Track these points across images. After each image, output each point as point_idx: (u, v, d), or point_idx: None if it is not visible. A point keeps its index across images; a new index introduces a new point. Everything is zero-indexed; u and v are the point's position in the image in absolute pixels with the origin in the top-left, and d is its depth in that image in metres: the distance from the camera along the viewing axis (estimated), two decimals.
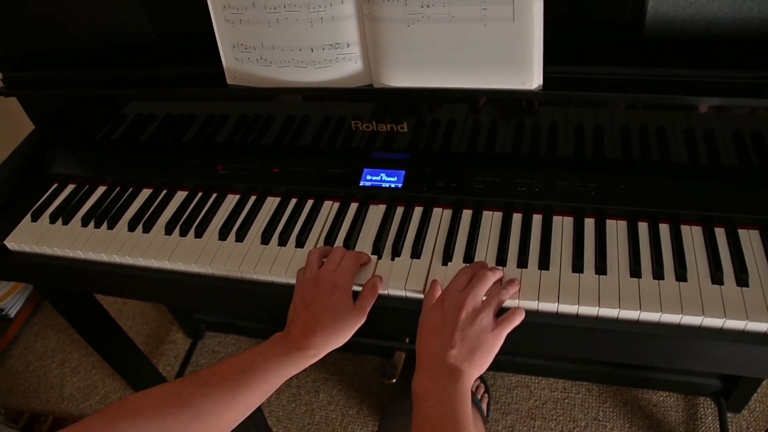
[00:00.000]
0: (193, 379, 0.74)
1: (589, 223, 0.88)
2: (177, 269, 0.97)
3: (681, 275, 0.79)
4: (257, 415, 1.00)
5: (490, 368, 0.77)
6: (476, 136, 0.94)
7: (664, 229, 0.85)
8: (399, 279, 0.86)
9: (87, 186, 1.15)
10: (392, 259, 0.89)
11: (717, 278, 0.78)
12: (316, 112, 0.99)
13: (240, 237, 0.98)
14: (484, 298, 0.78)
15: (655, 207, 0.86)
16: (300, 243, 0.94)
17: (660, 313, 0.76)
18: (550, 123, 0.89)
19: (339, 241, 0.93)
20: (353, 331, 0.80)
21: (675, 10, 0.76)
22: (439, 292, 0.80)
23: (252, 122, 1.05)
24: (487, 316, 0.76)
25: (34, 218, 1.11)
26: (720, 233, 0.84)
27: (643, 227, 0.86)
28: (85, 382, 1.82)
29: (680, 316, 0.75)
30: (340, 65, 0.86)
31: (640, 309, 0.76)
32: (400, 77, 0.84)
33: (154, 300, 1.17)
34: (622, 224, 0.87)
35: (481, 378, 1.56)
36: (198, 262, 0.95)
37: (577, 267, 0.82)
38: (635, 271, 0.80)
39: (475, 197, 0.93)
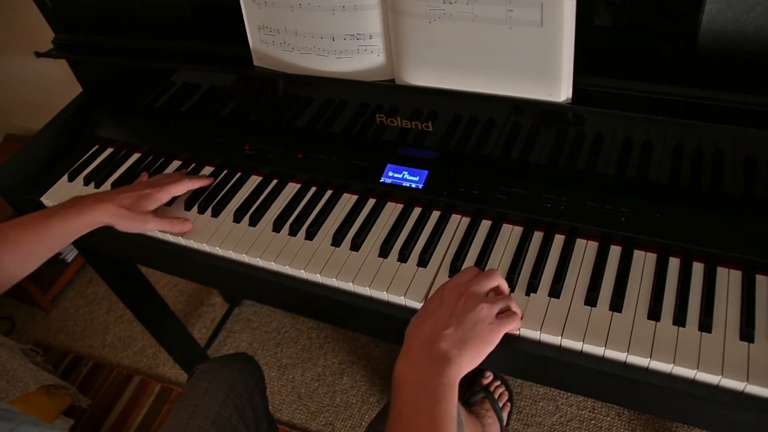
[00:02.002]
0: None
1: (615, 252, 0.80)
2: (189, 246, 0.97)
3: (705, 325, 0.71)
4: (256, 399, 1.00)
5: (518, 375, 0.71)
6: (503, 143, 0.87)
7: (697, 268, 0.77)
8: (401, 286, 0.82)
9: (124, 151, 1.17)
10: (398, 263, 0.85)
11: (747, 334, 0.69)
12: (342, 101, 0.95)
13: (253, 222, 0.96)
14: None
15: (693, 242, 0.77)
16: (309, 235, 0.92)
17: (672, 365, 0.68)
18: (583, 138, 0.81)
19: (348, 236, 0.90)
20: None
21: (735, 26, 0.67)
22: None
23: (280, 105, 1.02)
24: (489, 309, 0.69)
25: (71, 178, 1.14)
26: (762, 282, 0.74)
27: (673, 264, 0.78)
28: (126, 333, 1.90)
29: (695, 371, 0.67)
30: (361, 57, 0.81)
31: (651, 357, 0.69)
32: (421, 75, 0.79)
33: (166, 270, 1.18)
34: (651, 257, 0.79)
35: (506, 384, 1.50)
36: (209, 242, 0.95)
37: (591, 299, 0.76)
38: (654, 313, 0.73)
39: (496, 208, 0.87)
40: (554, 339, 0.73)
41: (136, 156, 1.16)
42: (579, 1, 0.65)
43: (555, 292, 0.77)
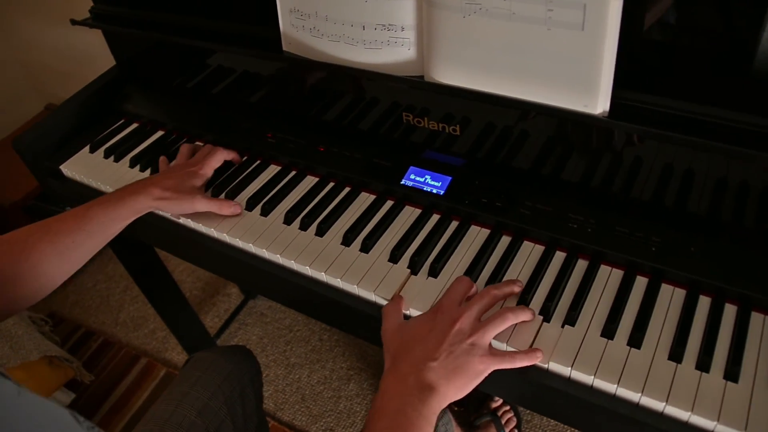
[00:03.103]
0: (38, 227, 0.82)
1: (640, 283, 0.74)
2: (195, 228, 0.94)
3: (732, 373, 0.64)
4: (248, 395, 0.96)
5: (523, 404, 0.67)
6: (532, 154, 0.82)
7: (729, 311, 0.70)
8: (410, 297, 0.77)
9: (148, 128, 1.16)
10: (407, 270, 0.81)
11: None
12: (369, 95, 0.91)
13: (265, 212, 0.93)
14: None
15: (728, 282, 0.71)
16: (320, 231, 0.88)
17: (690, 413, 0.62)
18: (618, 157, 0.75)
19: (359, 237, 0.86)
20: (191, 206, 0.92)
21: None
22: (400, 308, 0.74)
23: (306, 96, 0.99)
24: (481, 339, 0.66)
25: (92, 150, 1.13)
26: None
27: (704, 303, 0.71)
28: (139, 313, 1.89)
29: (715, 423, 0.61)
30: (391, 49, 0.77)
31: (667, 401, 0.63)
32: (451, 74, 0.74)
33: (172, 252, 1.16)
34: (680, 293, 0.73)
35: (516, 411, 1.43)
36: (218, 228, 0.92)
37: (608, 331, 0.70)
38: (676, 354, 0.66)
39: (518, 223, 0.82)
40: (563, 369, 0.68)
41: (159, 134, 1.14)
42: (627, 6, 0.60)
43: (570, 319, 0.71)
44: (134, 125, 1.17)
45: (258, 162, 1.02)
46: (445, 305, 0.70)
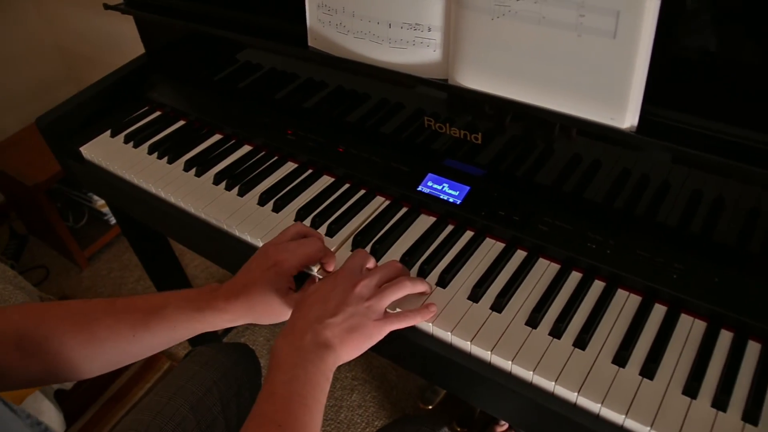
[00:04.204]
0: (107, 303, 0.71)
1: (658, 311, 0.71)
2: (207, 220, 0.93)
3: (751, 416, 0.60)
4: (244, 394, 0.94)
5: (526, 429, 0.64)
6: (553, 168, 0.79)
7: (753, 348, 0.66)
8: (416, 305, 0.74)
9: (171, 116, 1.15)
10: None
11: None
12: (391, 98, 0.89)
13: (277, 208, 0.91)
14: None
15: (753, 318, 0.66)
16: (330, 232, 0.86)
17: None
18: (644, 177, 0.72)
19: (370, 242, 0.83)
20: (281, 318, 0.73)
21: None
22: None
23: (329, 93, 0.97)
24: (378, 303, 0.68)
25: (114, 134, 1.12)
26: None
27: (725, 337, 0.67)
28: None
29: None
30: (416, 50, 0.75)
31: None
32: (476, 78, 0.72)
33: (178, 240, 1.15)
34: (699, 325, 0.69)
35: None
36: (228, 221, 0.90)
37: (620, 359, 0.66)
38: (691, 389, 0.62)
39: (535, 239, 0.79)
40: (569, 394, 0.64)
41: (181, 123, 1.13)
42: (663, 16, 0.57)
43: (581, 342, 0.68)
44: (157, 113, 1.17)
45: (276, 158, 1.01)
46: (347, 270, 0.71)
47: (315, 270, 0.78)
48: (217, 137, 1.08)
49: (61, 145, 1.13)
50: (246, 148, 1.04)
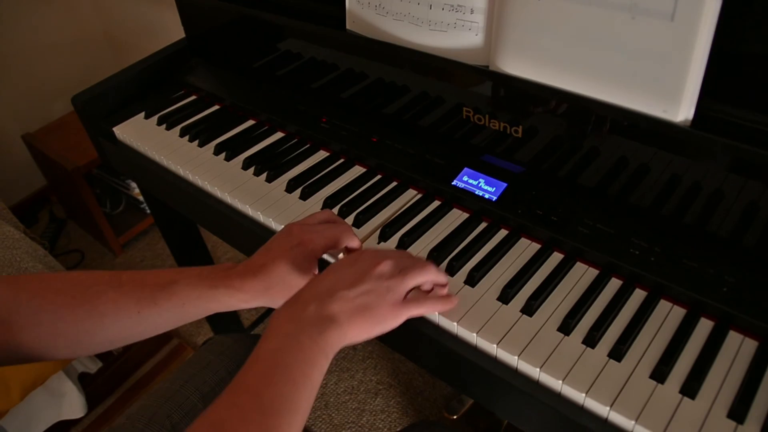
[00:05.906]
0: (110, 276, 0.64)
1: (704, 326, 0.65)
2: (232, 204, 0.91)
3: None
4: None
5: None
6: (597, 167, 0.74)
7: None
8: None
9: (206, 101, 1.14)
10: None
11: None
12: (429, 87, 0.85)
13: (305, 195, 0.88)
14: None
15: None
16: (358, 223, 0.82)
17: None
18: (697, 179, 0.66)
19: (397, 234, 0.80)
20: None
21: None
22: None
23: (367, 85, 0.94)
24: (400, 284, 0.61)
25: (148, 116, 1.12)
26: None
27: None
28: None
29: None
30: (457, 33, 0.71)
31: None
32: (518, 64, 0.67)
33: (203, 224, 1.13)
34: (750, 344, 0.62)
35: None
36: (253, 206, 0.88)
37: (659, 374, 0.60)
38: (737, 413, 0.56)
39: (573, 242, 0.73)
40: (601, 408, 0.59)
41: (215, 107, 1.12)
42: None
43: (617, 353, 0.63)
44: (192, 97, 1.16)
45: (308, 146, 0.98)
46: (374, 250, 0.65)
47: (340, 257, 0.75)
48: (250, 122, 1.06)
49: (95, 125, 1.13)
50: (278, 135, 1.02)
